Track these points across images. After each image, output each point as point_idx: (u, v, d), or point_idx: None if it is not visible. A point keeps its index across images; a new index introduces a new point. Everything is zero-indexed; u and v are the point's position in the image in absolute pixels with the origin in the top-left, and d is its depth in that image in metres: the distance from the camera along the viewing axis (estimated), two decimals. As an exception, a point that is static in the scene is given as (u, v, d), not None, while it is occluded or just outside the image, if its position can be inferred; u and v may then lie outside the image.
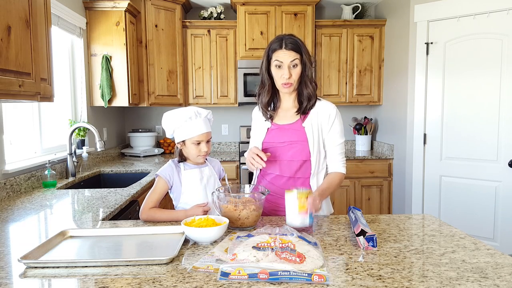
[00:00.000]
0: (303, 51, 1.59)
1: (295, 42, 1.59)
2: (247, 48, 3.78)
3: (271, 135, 1.70)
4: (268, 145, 1.70)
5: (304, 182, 1.67)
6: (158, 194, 1.60)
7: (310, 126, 1.65)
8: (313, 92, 1.65)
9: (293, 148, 1.64)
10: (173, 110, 1.60)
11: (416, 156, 3.37)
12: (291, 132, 1.67)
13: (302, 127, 1.65)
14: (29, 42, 1.62)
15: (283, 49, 1.58)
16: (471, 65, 3.02)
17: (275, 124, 1.71)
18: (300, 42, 1.60)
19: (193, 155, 1.60)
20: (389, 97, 3.85)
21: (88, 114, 3.23)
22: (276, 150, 1.67)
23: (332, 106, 1.69)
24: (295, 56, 1.58)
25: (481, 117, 2.99)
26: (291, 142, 1.65)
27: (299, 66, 1.59)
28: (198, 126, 1.56)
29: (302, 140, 1.64)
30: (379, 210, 3.77)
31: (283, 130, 1.68)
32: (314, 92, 1.65)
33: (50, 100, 1.88)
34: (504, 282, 0.98)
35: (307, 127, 1.65)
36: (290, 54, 1.58)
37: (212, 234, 1.27)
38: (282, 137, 1.67)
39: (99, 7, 3.18)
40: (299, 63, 1.59)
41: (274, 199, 1.67)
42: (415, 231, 1.41)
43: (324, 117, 1.66)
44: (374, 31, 3.90)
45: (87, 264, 1.09)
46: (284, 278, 0.98)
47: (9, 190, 2.08)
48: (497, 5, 2.86)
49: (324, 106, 1.68)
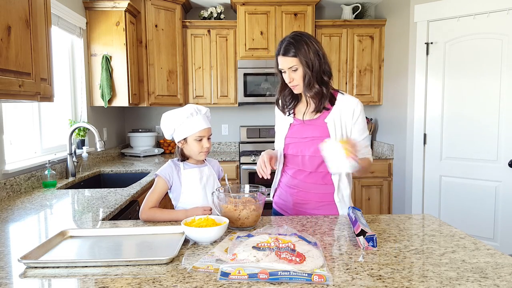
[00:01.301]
0: (301, 54, 1.55)
1: (291, 46, 1.56)
2: (247, 48, 3.78)
3: (294, 131, 1.70)
4: (290, 140, 1.70)
5: (326, 177, 1.67)
6: (157, 194, 1.60)
7: (332, 122, 1.63)
8: (320, 91, 1.60)
9: (315, 144, 1.61)
10: (171, 110, 1.61)
11: (416, 156, 3.37)
12: (313, 127, 1.65)
13: (324, 123, 1.64)
14: (29, 42, 1.62)
15: (281, 55, 1.59)
16: (471, 65, 3.02)
17: (297, 120, 1.71)
18: (296, 44, 1.56)
19: (195, 152, 1.61)
20: (389, 97, 3.85)
21: (88, 114, 3.23)
22: (299, 145, 1.68)
23: (355, 102, 1.65)
24: (292, 62, 1.57)
25: (481, 117, 2.99)
26: (313, 137, 1.64)
27: (299, 69, 1.57)
28: (199, 122, 1.58)
29: (324, 135, 1.61)
30: (379, 210, 3.77)
31: (305, 125, 1.68)
32: (322, 91, 1.61)
33: (50, 100, 1.88)
34: (504, 282, 0.98)
35: (329, 123, 1.63)
36: (287, 60, 1.57)
37: (212, 234, 1.27)
38: (305, 133, 1.67)
39: (99, 7, 3.18)
40: (299, 66, 1.57)
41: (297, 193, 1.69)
42: (415, 231, 1.41)
43: (348, 113, 1.63)
44: (374, 31, 3.90)
45: (87, 264, 1.09)
46: (284, 278, 0.98)
47: (9, 190, 2.08)
48: (497, 5, 2.86)
49: (348, 102, 1.64)
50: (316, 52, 1.58)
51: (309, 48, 1.57)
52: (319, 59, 1.58)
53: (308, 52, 1.56)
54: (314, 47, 1.58)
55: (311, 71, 1.57)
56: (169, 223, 1.51)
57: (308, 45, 1.57)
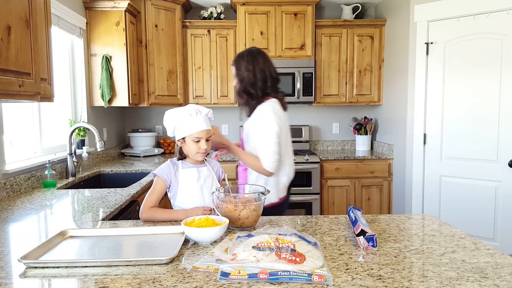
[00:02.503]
0: (237, 66, 1.95)
1: (236, 59, 1.98)
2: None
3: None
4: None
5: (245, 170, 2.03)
6: (157, 193, 1.60)
7: (245, 128, 1.99)
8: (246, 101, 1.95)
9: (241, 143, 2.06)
10: (175, 108, 1.62)
11: (416, 156, 3.37)
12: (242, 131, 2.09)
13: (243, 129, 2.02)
14: (29, 42, 1.62)
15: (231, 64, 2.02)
16: (471, 65, 3.02)
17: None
18: (238, 59, 1.96)
19: (192, 153, 1.61)
20: (389, 97, 3.85)
21: (88, 114, 3.23)
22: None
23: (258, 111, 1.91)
24: (233, 70, 1.99)
25: (481, 117, 2.99)
26: (242, 138, 2.08)
27: (235, 80, 1.98)
28: (198, 123, 1.58)
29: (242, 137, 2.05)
30: (379, 210, 3.77)
31: (242, 129, 2.10)
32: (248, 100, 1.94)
33: (50, 100, 1.88)
34: (504, 282, 0.98)
35: (244, 127, 2.01)
36: (232, 68, 2.00)
37: (212, 234, 1.27)
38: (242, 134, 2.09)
39: (99, 7, 3.18)
40: (236, 77, 1.97)
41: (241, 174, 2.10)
42: (415, 231, 1.41)
43: (253, 120, 1.92)
44: (374, 31, 3.90)
45: (87, 264, 1.09)
46: (284, 278, 0.98)
47: (9, 190, 2.08)
48: (497, 5, 2.86)
49: (256, 110, 1.93)
50: (248, 69, 1.92)
51: (242, 66, 1.94)
52: (250, 75, 1.92)
53: (240, 69, 1.94)
54: (250, 65, 1.92)
55: (240, 83, 1.95)
56: (169, 223, 1.51)
57: (245, 62, 1.93)
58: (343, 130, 4.34)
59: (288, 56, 3.80)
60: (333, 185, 3.71)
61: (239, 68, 1.94)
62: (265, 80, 1.93)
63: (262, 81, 1.92)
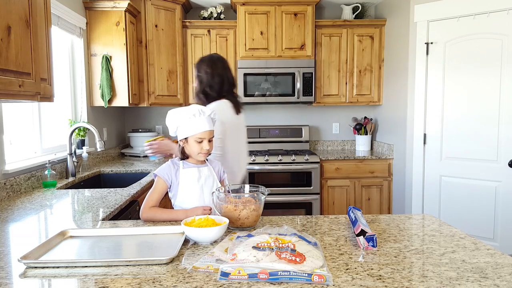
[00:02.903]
0: (198, 69, 2.15)
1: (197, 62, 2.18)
2: (247, 48, 3.78)
3: None
4: None
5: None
6: (157, 193, 1.61)
7: None
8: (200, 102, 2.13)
9: None
10: (178, 108, 1.62)
11: (416, 156, 3.37)
12: None
13: None
14: (29, 42, 1.62)
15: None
16: (471, 65, 3.02)
17: None
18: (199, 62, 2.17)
19: (194, 153, 1.61)
20: (389, 97, 3.85)
21: (88, 114, 3.23)
22: None
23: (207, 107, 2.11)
24: (194, 73, 2.19)
25: (481, 117, 2.99)
26: None
27: (195, 81, 2.19)
28: (200, 124, 1.58)
29: None
30: (379, 210, 3.77)
31: None
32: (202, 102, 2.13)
33: (50, 100, 1.88)
34: (504, 282, 0.98)
35: None
36: (194, 71, 2.21)
37: (212, 234, 1.27)
38: None
39: (99, 7, 3.18)
40: (196, 78, 2.18)
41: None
42: (415, 231, 1.41)
43: None
44: (374, 31, 3.90)
45: (87, 264, 1.09)
46: (284, 278, 0.98)
47: (9, 190, 2.08)
48: (497, 5, 2.86)
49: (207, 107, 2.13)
50: (207, 72, 2.12)
51: (203, 67, 2.13)
52: (208, 77, 2.12)
53: (198, 71, 2.14)
54: (209, 69, 2.12)
55: (199, 84, 2.15)
56: (169, 223, 1.51)
57: (205, 65, 2.13)
58: (343, 130, 4.34)
59: (288, 56, 3.80)
60: (333, 185, 3.71)
61: (199, 70, 2.15)
62: (222, 84, 2.13)
63: (219, 84, 2.12)
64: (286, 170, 3.64)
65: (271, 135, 4.13)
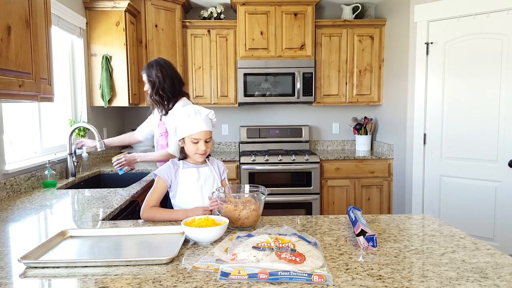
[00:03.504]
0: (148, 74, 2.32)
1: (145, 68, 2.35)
2: (247, 48, 3.78)
3: None
4: None
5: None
6: (158, 193, 1.61)
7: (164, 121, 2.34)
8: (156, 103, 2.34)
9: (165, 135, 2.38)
10: (178, 108, 1.62)
11: (416, 156, 3.37)
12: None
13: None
14: (29, 42, 1.62)
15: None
16: (471, 65, 3.02)
17: None
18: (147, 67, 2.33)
19: (191, 153, 1.62)
20: (389, 97, 3.85)
21: (88, 114, 3.23)
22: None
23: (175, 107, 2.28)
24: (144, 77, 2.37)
25: (481, 117, 2.99)
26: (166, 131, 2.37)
27: (147, 85, 2.35)
28: (196, 124, 1.57)
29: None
30: (379, 210, 3.77)
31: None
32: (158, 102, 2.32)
33: (50, 100, 1.88)
34: (504, 282, 0.98)
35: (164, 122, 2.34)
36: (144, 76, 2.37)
37: (212, 234, 1.27)
38: None
39: (99, 7, 3.18)
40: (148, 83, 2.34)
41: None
42: (415, 231, 1.41)
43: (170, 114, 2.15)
44: (374, 31, 3.90)
45: (87, 264, 1.09)
46: (284, 278, 0.98)
47: (9, 190, 2.08)
48: (497, 5, 2.86)
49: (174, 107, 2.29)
50: (158, 76, 2.28)
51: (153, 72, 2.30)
52: (160, 80, 2.28)
53: (151, 74, 2.30)
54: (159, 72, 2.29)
55: (153, 87, 2.31)
56: (169, 223, 1.51)
57: (155, 70, 2.29)
58: (343, 130, 4.34)
59: (288, 56, 3.80)
60: (333, 185, 3.71)
61: (150, 75, 2.31)
62: (173, 84, 2.32)
63: (171, 85, 2.31)
64: (286, 170, 3.64)
65: (271, 135, 4.13)
